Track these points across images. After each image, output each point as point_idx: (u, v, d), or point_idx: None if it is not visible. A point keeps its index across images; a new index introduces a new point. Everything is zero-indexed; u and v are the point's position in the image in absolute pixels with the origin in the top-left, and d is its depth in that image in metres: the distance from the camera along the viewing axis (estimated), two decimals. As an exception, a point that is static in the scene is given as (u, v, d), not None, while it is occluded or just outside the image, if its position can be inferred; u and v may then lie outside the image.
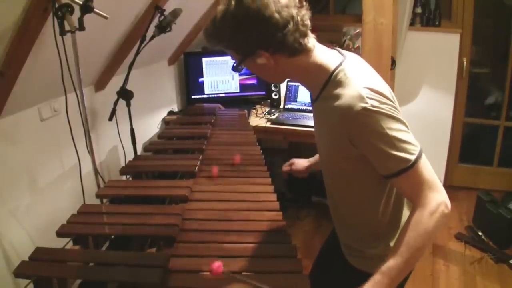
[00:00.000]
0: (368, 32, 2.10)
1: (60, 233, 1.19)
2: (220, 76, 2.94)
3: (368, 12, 2.08)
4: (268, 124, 2.57)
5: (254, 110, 2.83)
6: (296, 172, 1.56)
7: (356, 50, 2.75)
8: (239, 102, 2.92)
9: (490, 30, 3.13)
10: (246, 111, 2.56)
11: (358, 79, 0.94)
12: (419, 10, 3.01)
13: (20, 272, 1.00)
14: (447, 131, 3.25)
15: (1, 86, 1.37)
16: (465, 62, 3.05)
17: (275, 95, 2.89)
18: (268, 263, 1.06)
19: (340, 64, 0.98)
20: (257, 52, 0.95)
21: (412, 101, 3.23)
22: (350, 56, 1.03)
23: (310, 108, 2.67)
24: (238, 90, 2.98)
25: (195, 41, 2.93)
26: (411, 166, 0.89)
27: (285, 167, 1.59)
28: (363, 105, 0.88)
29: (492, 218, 2.63)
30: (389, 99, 0.92)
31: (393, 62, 2.52)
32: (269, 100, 2.94)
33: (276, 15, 0.90)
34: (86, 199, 1.72)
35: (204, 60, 2.90)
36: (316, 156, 1.50)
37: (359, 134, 0.92)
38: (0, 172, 1.51)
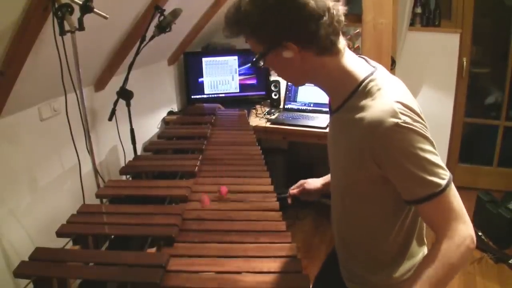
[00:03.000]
0: (368, 32, 2.10)
1: (60, 233, 1.19)
2: (220, 76, 2.94)
3: (367, 12, 2.08)
4: (268, 124, 2.57)
5: (254, 110, 2.83)
6: (307, 194, 1.36)
7: (356, 50, 2.75)
8: (239, 102, 2.92)
9: (490, 30, 3.13)
10: (246, 111, 2.56)
11: (391, 92, 0.85)
12: (419, 10, 3.01)
13: (20, 272, 1.00)
14: (447, 131, 3.24)
15: (1, 86, 1.37)
16: (465, 62, 3.05)
17: (275, 95, 2.89)
18: (268, 263, 1.06)
19: (371, 74, 0.88)
20: (284, 44, 0.84)
21: (412, 101, 3.23)
22: (381, 67, 0.94)
23: (310, 108, 2.72)
24: (238, 90, 2.98)
25: (195, 41, 2.93)
26: (441, 192, 0.80)
27: (293, 190, 1.39)
28: (395, 120, 0.79)
29: (492, 218, 2.63)
30: (420, 117, 0.84)
31: (393, 62, 2.52)
32: (269, 100, 2.94)
33: (312, 2, 0.80)
34: (86, 199, 1.72)
35: (204, 60, 2.91)
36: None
37: (386, 152, 0.82)
38: (0, 172, 1.51)
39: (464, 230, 0.82)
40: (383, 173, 0.86)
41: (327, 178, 1.34)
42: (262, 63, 0.90)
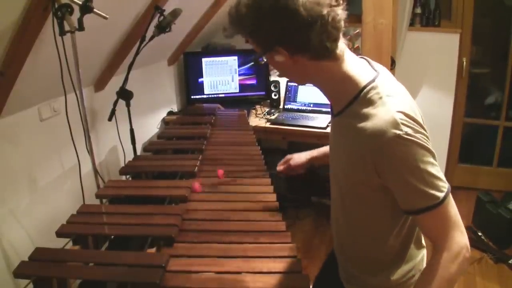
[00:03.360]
0: (368, 32, 2.10)
1: (59, 233, 1.19)
2: (220, 76, 2.94)
3: (367, 12, 2.08)
4: (268, 124, 2.57)
5: (253, 110, 2.83)
6: (293, 169, 1.40)
7: (356, 50, 2.75)
8: (239, 102, 2.92)
9: (490, 30, 3.13)
10: (245, 111, 2.56)
11: (393, 101, 0.84)
12: (418, 10, 3.01)
13: (19, 272, 1.00)
14: (447, 131, 3.24)
15: (1, 86, 1.37)
16: (464, 62, 3.05)
17: (275, 95, 2.89)
18: (268, 263, 1.06)
19: (373, 80, 0.87)
20: (276, 49, 0.85)
21: (411, 101, 3.23)
22: (383, 71, 0.93)
23: (310, 108, 2.72)
24: (237, 90, 2.98)
25: (195, 41, 2.93)
26: (439, 204, 0.81)
27: (280, 166, 1.44)
28: (397, 132, 0.79)
29: (491, 218, 2.63)
30: (422, 127, 0.84)
31: (393, 62, 2.52)
32: (268, 100, 2.94)
33: (303, 11, 0.79)
34: (86, 199, 1.72)
35: (204, 60, 2.91)
36: (319, 149, 1.37)
37: (387, 162, 0.82)
38: (0, 172, 1.51)
39: (461, 240, 0.84)
40: (383, 182, 0.87)
41: (312, 152, 1.38)
42: (264, 60, 0.91)
